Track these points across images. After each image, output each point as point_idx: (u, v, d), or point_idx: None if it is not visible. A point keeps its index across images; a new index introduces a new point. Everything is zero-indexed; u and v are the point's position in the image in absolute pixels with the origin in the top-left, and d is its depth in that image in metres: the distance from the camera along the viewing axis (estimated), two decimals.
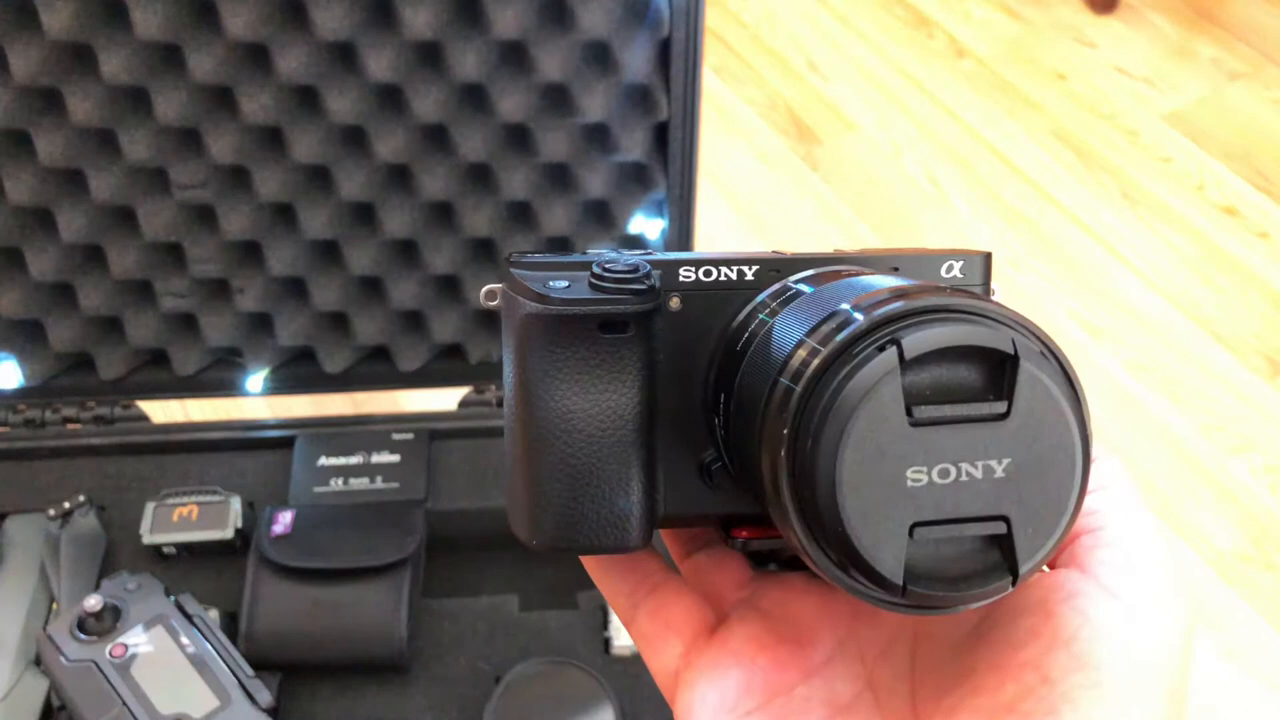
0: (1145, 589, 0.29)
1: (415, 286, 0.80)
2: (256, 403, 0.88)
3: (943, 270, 0.32)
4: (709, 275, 0.32)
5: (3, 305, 0.78)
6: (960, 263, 0.32)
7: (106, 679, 0.65)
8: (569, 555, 0.32)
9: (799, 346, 0.27)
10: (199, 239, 0.77)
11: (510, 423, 0.32)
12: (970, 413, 0.25)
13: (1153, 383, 1.37)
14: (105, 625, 0.66)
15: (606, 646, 0.76)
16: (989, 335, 0.25)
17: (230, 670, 0.66)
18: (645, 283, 0.30)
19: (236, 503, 0.78)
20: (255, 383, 0.84)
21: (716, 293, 0.32)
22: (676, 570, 0.37)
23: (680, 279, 0.32)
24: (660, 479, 0.32)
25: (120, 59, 0.67)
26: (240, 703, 0.65)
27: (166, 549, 0.78)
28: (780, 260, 0.32)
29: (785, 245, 1.59)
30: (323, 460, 0.82)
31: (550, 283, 0.30)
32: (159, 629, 0.67)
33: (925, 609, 0.26)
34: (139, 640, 0.66)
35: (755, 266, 0.31)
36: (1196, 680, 1.12)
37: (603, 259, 0.31)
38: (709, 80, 1.75)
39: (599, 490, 0.31)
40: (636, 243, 0.79)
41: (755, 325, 0.30)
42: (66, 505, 0.79)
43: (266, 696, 0.66)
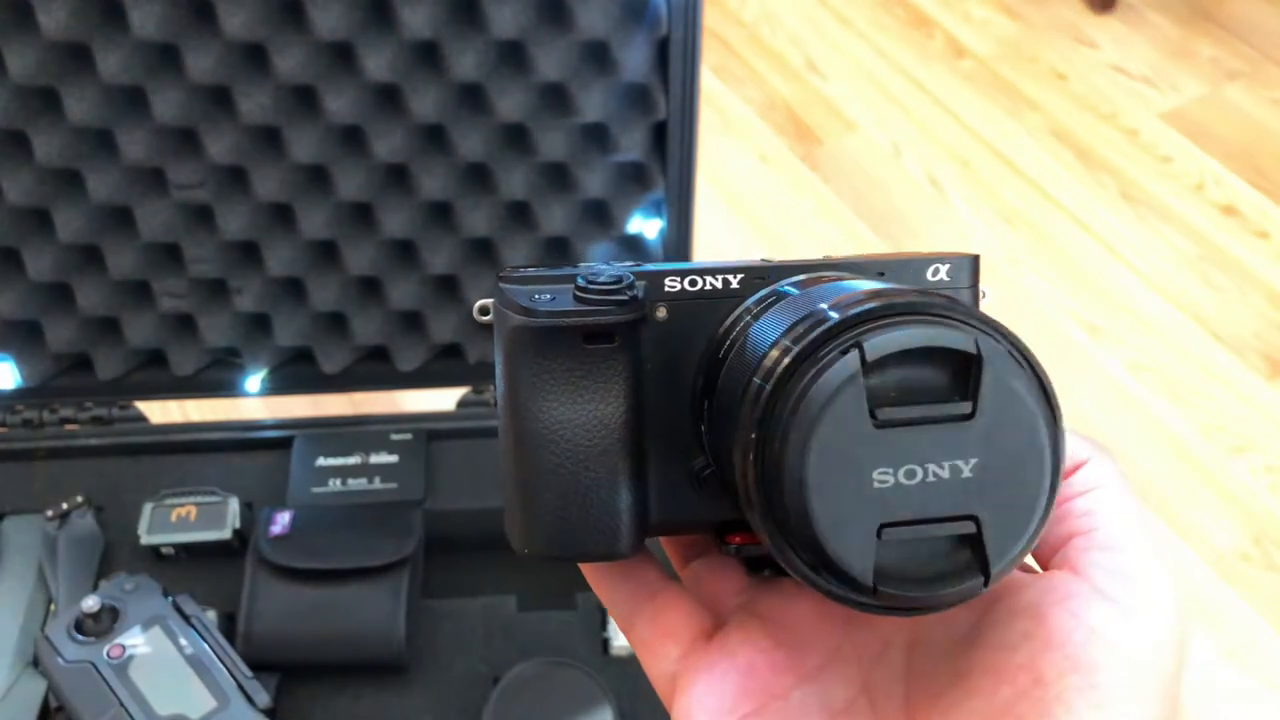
0: (1139, 591, 0.29)
1: (414, 286, 0.80)
2: (254, 403, 0.87)
3: (928, 274, 0.32)
4: (694, 285, 0.32)
5: (0, 306, 0.77)
6: (946, 265, 0.33)
7: (104, 680, 0.65)
8: (561, 563, 0.33)
9: (773, 347, 0.27)
10: (197, 239, 0.77)
11: (502, 434, 0.32)
12: (935, 414, 0.25)
13: (1152, 382, 1.37)
14: (103, 626, 0.66)
15: (605, 647, 0.76)
16: (952, 337, 0.25)
17: (228, 671, 0.66)
18: (628, 293, 0.31)
19: (235, 503, 0.78)
20: (253, 383, 0.84)
21: (702, 302, 0.32)
22: (675, 577, 0.37)
23: (666, 289, 0.32)
24: (651, 487, 0.32)
25: (117, 59, 0.67)
26: (238, 703, 0.65)
27: (164, 549, 0.78)
28: (766, 268, 0.32)
29: (785, 246, 1.59)
30: (321, 461, 0.82)
31: (536, 296, 0.31)
32: (157, 630, 0.67)
33: (897, 610, 0.26)
34: (137, 641, 0.66)
35: (740, 275, 0.32)
36: (1197, 680, 1.12)
37: (588, 271, 0.31)
38: (708, 80, 1.75)
39: (588, 499, 0.31)
40: (635, 243, 0.79)
41: (738, 330, 0.31)
42: (64, 506, 0.78)
43: (264, 697, 0.66)
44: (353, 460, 0.82)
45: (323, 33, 0.67)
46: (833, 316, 0.26)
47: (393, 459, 0.82)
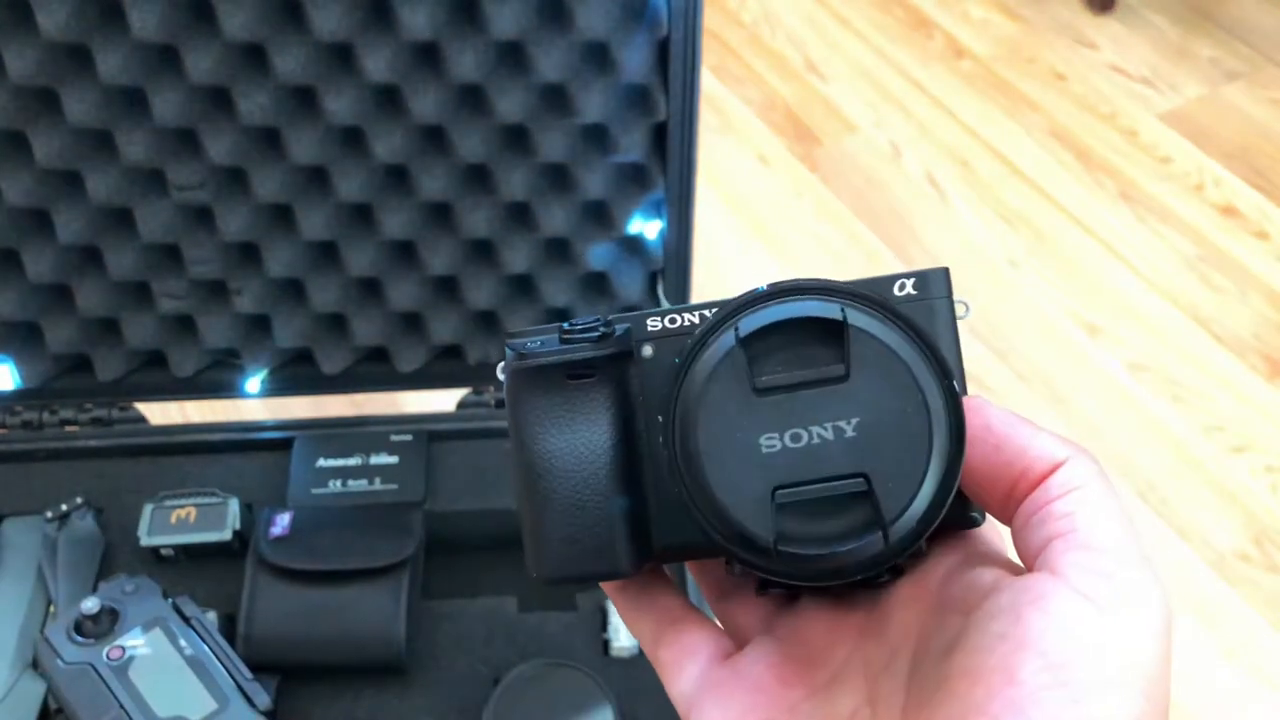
0: (1117, 589, 0.29)
1: (414, 287, 0.80)
2: (254, 404, 0.87)
3: (895, 289, 0.34)
4: (674, 323, 0.34)
5: (0, 307, 0.77)
6: (913, 279, 0.34)
7: (104, 682, 0.64)
8: (570, 584, 0.35)
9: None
10: (197, 240, 0.76)
11: (512, 471, 0.35)
12: (812, 377, 0.28)
13: (1152, 383, 1.37)
14: (103, 628, 0.66)
15: (605, 648, 0.76)
16: (820, 307, 0.28)
17: (228, 673, 0.66)
18: (602, 330, 0.34)
19: (235, 504, 0.78)
20: (253, 384, 0.84)
21: (682, 337, 0.34)
22: (699, 609, 0.38)
23: (649, 329, 0.35)
24: (652, 510, 0.34)
25: (117, 59, 0.67)
26: (238, 705, 0.65)
27: (164, 551, 0.78)
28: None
29: (784, 246, 1.58)
30: (321, 462, 0.82)
31: (528, 344, 0.35)
32: (157, 631, 0.67)
33: (804, 572, 0.28)
34: (137, 643, 0.66)
35: (715, 309, 0.33)
36: (1197, 680, 1.12)
37: (574, 320, 0.35)
38: (707, 81, 1.75)
39: (586, 520, 0.33)
40: (636, 244, 0.79)
41: None
42: (64, 507, 0.78)
43: (265, 699, 0.65)
44: (353, 461, 0.82)
45: (322, 33, 0.67)
46: (728, 307, 0.29)
47: (393, 460, 0.82)
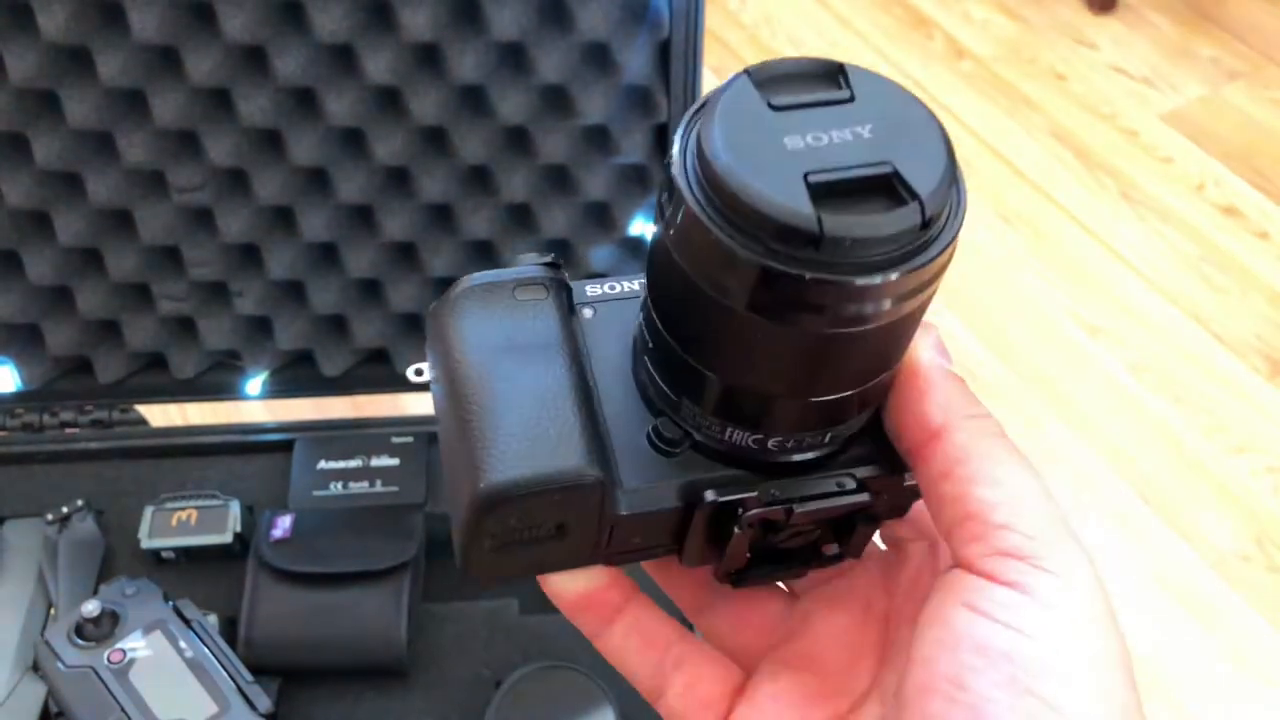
0: (1040, 566, 0.28)
1: (415, 289, 0.80)
2: (255, 406, 0.87)
3: None
4: (613, 289, 0.35)
5: (0, 309, 0.77)
6: None
7: (104, 685, 0.64)
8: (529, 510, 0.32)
9: None
10: (197, 242, 0.76)
11: (443, 402, 0.33)
12: (822, 98, 0.28)
13: (1153, 383, 1.37)
14: (103, 631, 0.66)
15: None
16: (821, 62, 0.29)
17: (229, 676, 0.66)
18: (548, 258, 0.34)
19: (235, 507, 0.78)
20: (254, 386, 0.83)
21: (624, 301, 0.34)
22: (691, 632, 0.36)
23: (588, 293, 0.34)
24: (616, 457, 0.32)
25: (117, 61, 0.67)
26: (239, 708, 0.65)
27: (165, 553, 0.78)
28: None
29: None
30: (322, 464, 0.82)
31: (473, 279, 0.34)
32: (157, 634, 0.67)
33: (847, 263, 0.26)
34: (137, 646, 0.66)
35: None
36: (1198, 680, 1.12)
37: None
38: (708, 81, 1.75)
39: (542, 414, 0.31)
40: (637, 245, 0.79)
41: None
42: (64, 510, 0.78)
43: (265, 702, 0.65)
44: (354, 463, 0.82)
45: (323, 35, 0.67)
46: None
47: (394, 462, 0.82)
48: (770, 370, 0.29)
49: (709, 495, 0.31)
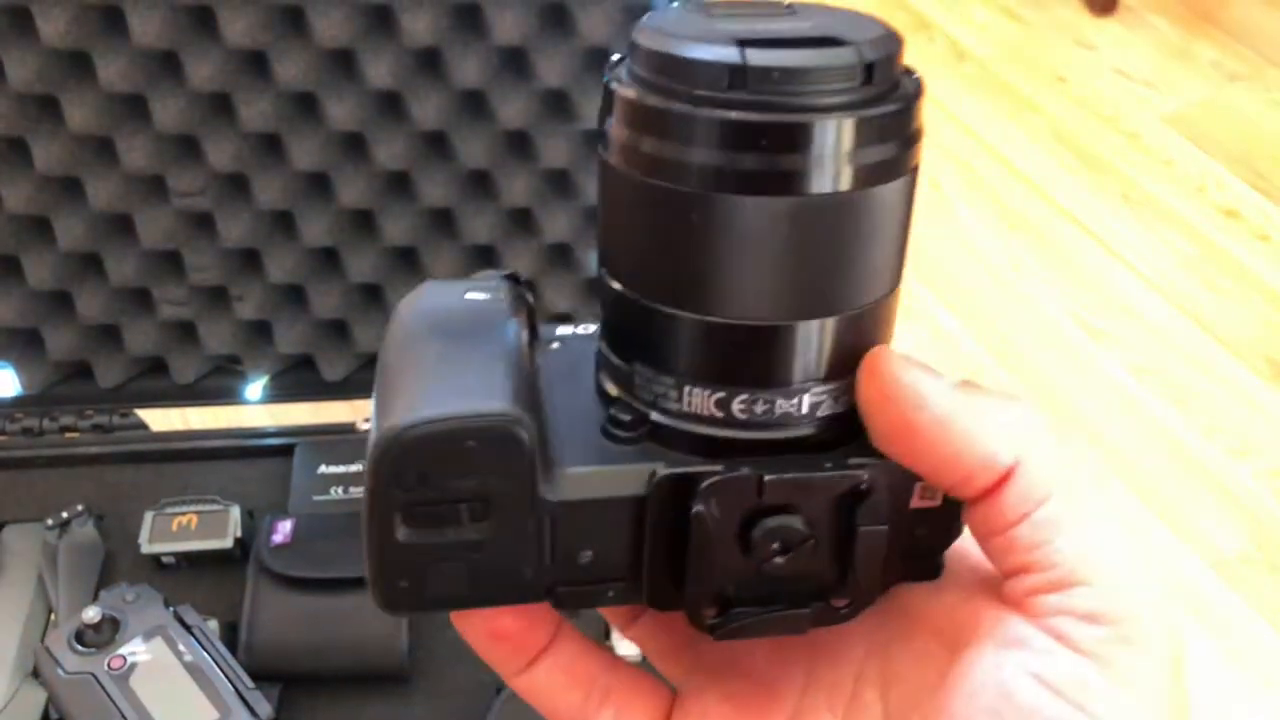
0: (1117, 635, 0.24)
1: None
2: (256, 410, 0.87)
3: None
4: (585, 330, 0.32)
5: (0, 313, 0.77)
6: None
7: (105, 691, 0.64)
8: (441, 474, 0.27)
9: None
10: (198, 247, 0.76)
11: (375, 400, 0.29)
12: (762, 12, 0.27)
13: (1154, 385, 1.37)
14: (104, 637, 0.66)
15: None
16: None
17: (230, 681, 0.66)
18: (509, 271, 0.32)
19: (236, 512, 0.78)
20: (254, 391, 0.83)
21: (590, 340, 0.31)
22: (620, 660, 0.33)
23: (558, 333, 0.32)
24: (557, 441, 0.28)
25: (118, 66, 0.67)
26: (240, 714, 0.64)
27: (166, 559, 0.78)
28: None
29: None
30: (323, 469, 0.82)
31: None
32: (158, 640, 0.67)
33: (777, 101, 0.24)
34: (138, 652, 0.66)
35: None
36: (1200, 684, 1.12)
37: None
38: None
39: (469, 367, 0.28)
40: None
41: None
42: (64, 515, 0.78)
43: (266, 708, 0.65)
44: (354, 468, 0.82)
45: (324, 40, 0.67)
46: None
47: None
48: (724, 274, 0.26)
49: (660, 470, 0.27)
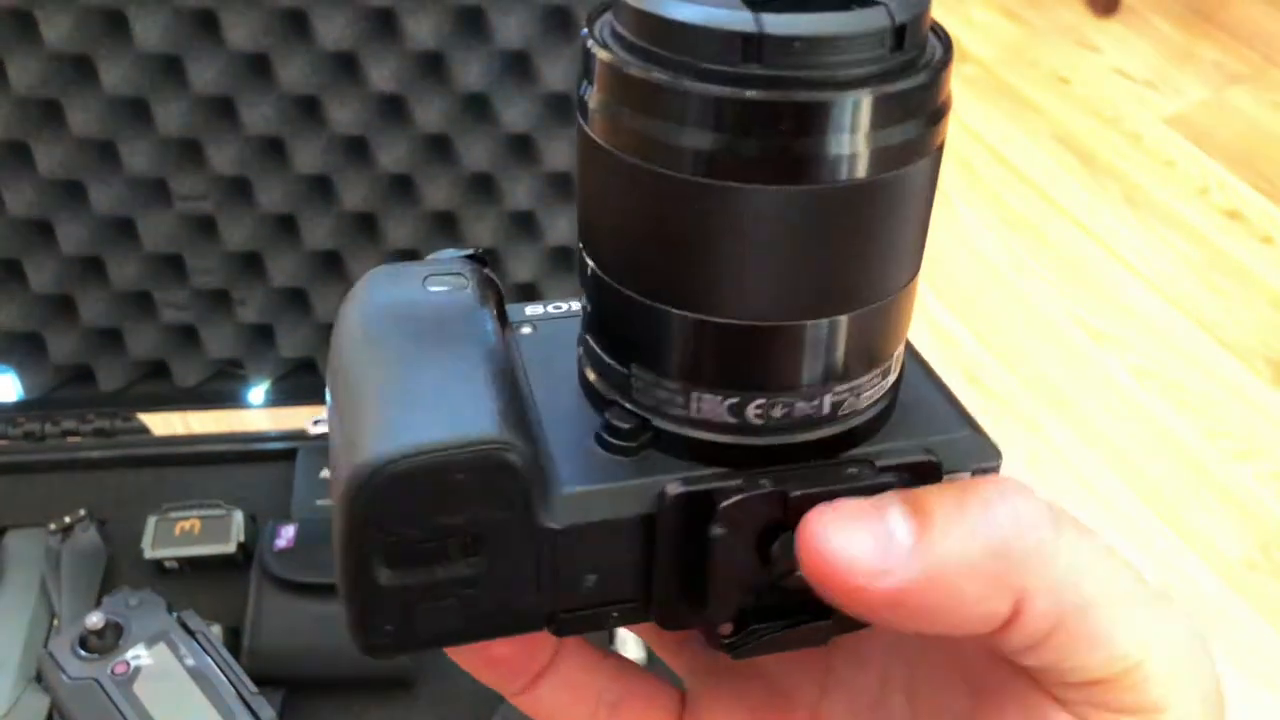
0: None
1: None
2: (257, 414, 0.87)
3: None
4: (558, 309, 0.29)
5: (1, 318, 0.77)
6: None
7: (109, 697, 0.64)
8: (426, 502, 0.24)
9: None
10: (200, 250, 0.76)
11: (333, 415, 0.26)
12: None
13: (1157, 388, 1.37)
14: (107, 643, 0.65)
15: None
16: None
17: (233, 687, 0.66)
18: (470, 251, 0.29)
19: (239, 516, 0.78)
20: (257, 394, 0.83)
21: (563, 320, 0.29)
22: (631, 664, 0.32)
23: (526, 313, 0.29)
24: (551, 459, 0.25)
25: (120, 70, 0.67)
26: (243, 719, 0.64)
27: (168, 563, 0.77)
28: None
29: None
30: (325, 472, 0.81)
31: None
32: (161, 646, 0.66)
33: (796, 76, 0.21)
34: (141, 657, 0.66)
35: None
36: None
37: None
38: None
39: (453, 376, 0.25)
40: None
41: None
42: (67, 520, 0.78)
43: (270, 713, 0.65)
44: None
45: (326, 43, 0.67)
46: None
47: None
48: (734, 272, 0.23)
49: (673, 488, 0.24)
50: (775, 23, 0.20)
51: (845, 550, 0.21)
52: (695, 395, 0.24)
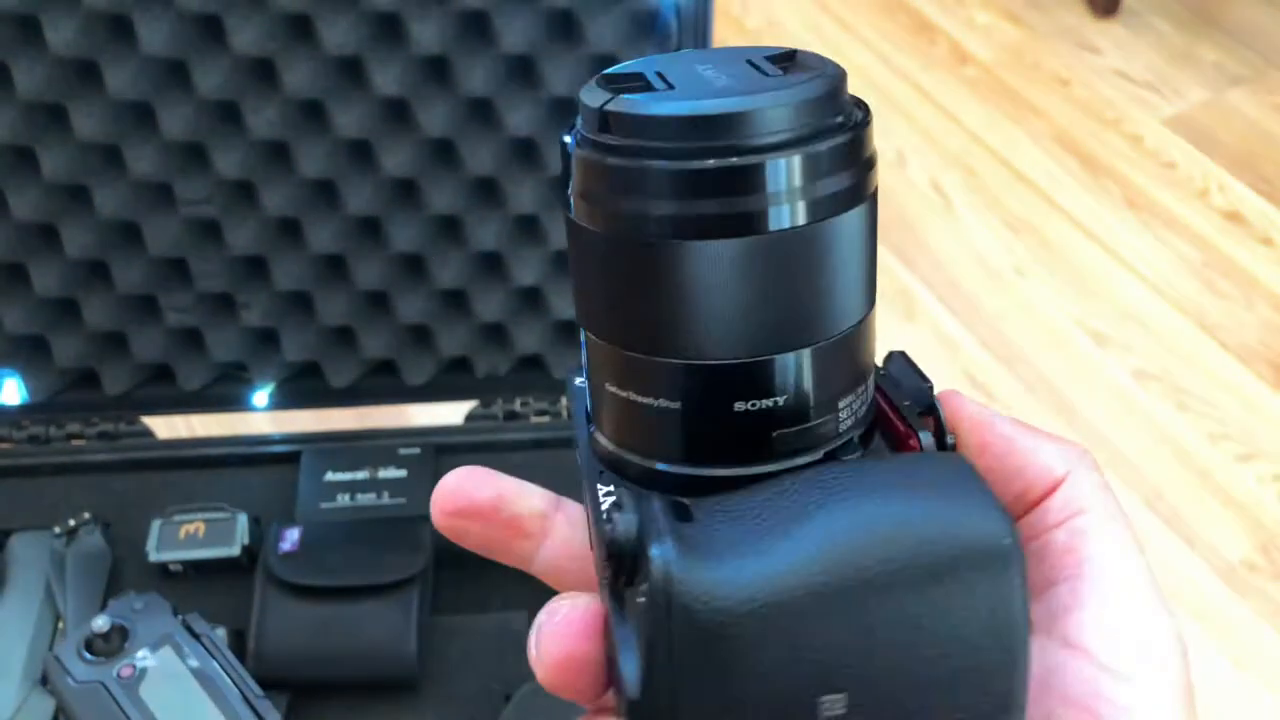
0: (1136, 651, 0.26)
1: (422, 300, 0.80)
2: (262, 418, 0.87)
3: None
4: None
5: (6, 321, 0.77)
6: None
7: (115, 700, 0.64)
8: None
9: None
10: (204, 254, 0.76)
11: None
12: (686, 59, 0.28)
13: (1158, 390, 1.37)
14: (113, 646, 0.66)
15: None
16: None
17: (239, 690, 0.66)
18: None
19: (243, 519, 0.78)
20: (261, 398, 0.83)
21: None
22: None
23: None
24: None
25: (125, 74, 0.67)
26: None
27: (173, 567, 0.78)
28: None
29: None
30: (329, 476, 0.82)
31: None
32: (166, 649, 0.67)
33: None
34: (146, 660, 0.66)
35: None
36: (1205, 690, 1.12)
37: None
38: None
39: None
40: None
41: None
42: (72, 523, 0.78)
43: (275, 716, 0.65)
44: (361, 475, 0.82)
45: (331, 48, 0.67)
46: None
47: (401, 473, 0.82)
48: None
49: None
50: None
51: (971, 407, 0.30)
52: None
